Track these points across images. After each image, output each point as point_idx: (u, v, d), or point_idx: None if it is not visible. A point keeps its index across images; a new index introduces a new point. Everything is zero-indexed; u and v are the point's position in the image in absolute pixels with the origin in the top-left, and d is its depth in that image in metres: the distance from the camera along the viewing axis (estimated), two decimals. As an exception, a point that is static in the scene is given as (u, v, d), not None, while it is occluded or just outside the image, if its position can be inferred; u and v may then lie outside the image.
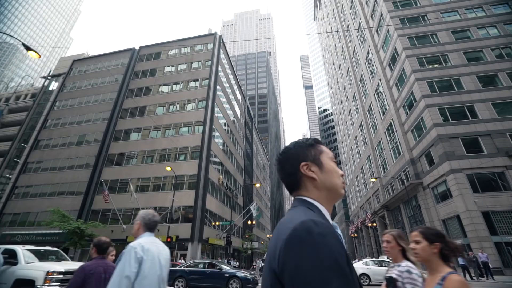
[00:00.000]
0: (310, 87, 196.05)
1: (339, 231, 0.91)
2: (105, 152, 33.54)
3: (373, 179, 31.45)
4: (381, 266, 15.10)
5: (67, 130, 37.45)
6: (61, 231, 23.56)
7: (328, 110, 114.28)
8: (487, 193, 21.18)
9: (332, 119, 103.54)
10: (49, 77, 46.34)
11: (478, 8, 29.77)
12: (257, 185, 30.86)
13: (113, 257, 3.76)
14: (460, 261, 17.57)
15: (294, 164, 0.99)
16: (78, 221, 22.71)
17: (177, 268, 14.04)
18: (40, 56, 12.16)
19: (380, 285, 14.43)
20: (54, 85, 45.70)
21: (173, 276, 13.24)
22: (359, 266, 15.21)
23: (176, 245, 25.51)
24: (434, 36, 29.49)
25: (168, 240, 20.26)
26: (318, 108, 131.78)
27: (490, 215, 20.47)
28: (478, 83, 25.59)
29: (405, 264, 2.09)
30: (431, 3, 31.81)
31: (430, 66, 27.87)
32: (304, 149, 1.02)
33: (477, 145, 23.02)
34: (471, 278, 16.27)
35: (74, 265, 8.96)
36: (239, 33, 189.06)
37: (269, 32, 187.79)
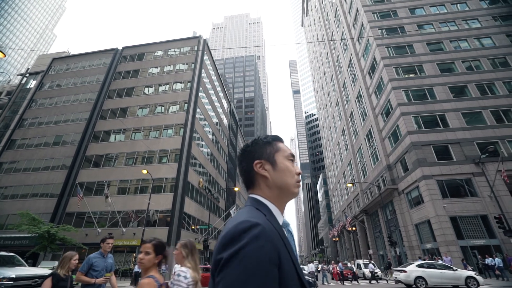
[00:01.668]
0: (298, 91, 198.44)
1: (290, 228, 0.97)
2: (83, 153, 32.67)
3: (349, 184, 32.12)
4: (435, 268, 14.70)
5: (44, 130, 36.24)
6: (30, 235, 22.71)
7: (315, 115, 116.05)
8: (455, 199, 22.11)
9: (318, 124, 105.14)
10: (26, 75, 44.80)
11: (451, 22, 31.26)
12: (236, 188, 30.87)
13: (76, 261, 3.75)
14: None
15: (249, 161, 1.00)
16: (48, 225, 21.93)
17: None
18: (5, 56, 11.85)
19: None
20: (32, 83, 44.25)
21: None
22: (414, 269, 14.67)
23: (152, 249, 25.07)
24: (410, 47, 30.68)
25: (142, 244, 19.87)
26: (305, 113, 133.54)
27: (458, 220, 21.37)
28: (450, 93, 26.79)
29: (179, 268, 2.47)
30: (409, 15, 33.15)
31: (406, 76, 28.94)
32: (260, 147, 1.02)
33: (447, 153, 24.03)
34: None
35: (28, 271, 8.74)
36: (228, 36, 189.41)
37: (259, 36, 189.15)
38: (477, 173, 22.26)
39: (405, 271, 14.84)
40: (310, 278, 13.31)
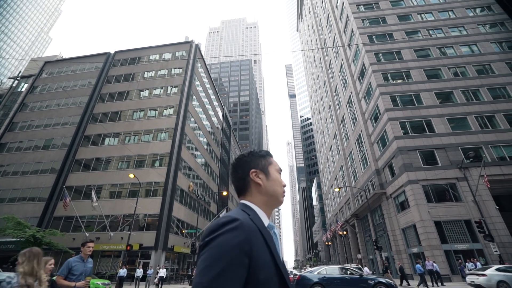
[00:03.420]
0: (294, 96, 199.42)
1: (275, 230, 1.09)
2: (73, 157, 32.54)
3: (337, 189, 32.31)
4: None
5: (34, 133, 36.07)
6: (15, 240, 22.50)
7: (309, 119, 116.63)
8: (440, 203, 22.35)
9: (312, 128, 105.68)
10: (18, 78, 44.65)
11: (438, 29, 31.86)
12: (224, 193, 30.92)
13: (52, 266, 3.73)
14: (418, 269, 18.38)
15: (245, 169, 1.14)
16: (33, 229, 21.76)
17: (315, 274, 13.23)
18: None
19: None
20: (24, 87, 44.07)
21: (308, 283, 12.61)
22: (495, 273, 14.05)
23: (139, 253, 24.98)
24: (398, 53, 31.17)
25: (128, 248, 19.81)
26: (300, 117, 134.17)
27: (442, 225, 21.59)
28: (436, 99, 27.22)
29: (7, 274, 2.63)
30: (397, 22, 33.72)
31: (394, 81, 29.36)
32: (256, 158, 1.18)
33: (433, 158, 24.35)
34: (417, 286, 16.95)
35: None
36: (225, 41, 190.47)
37: (255, 40, 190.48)
38: (462, 178, 22.56)
39: (484, 275, 14.22)
40: (389, 280, 12.96)
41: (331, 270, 13.49)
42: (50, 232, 22.66)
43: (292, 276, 16.73)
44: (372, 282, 12.52)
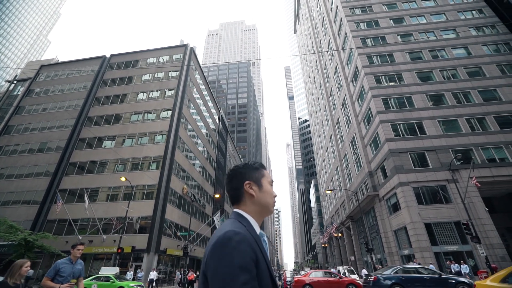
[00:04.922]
0: (293, 97, 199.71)
1: (265, 238, 1.20)
2: (67, 160, 32.64)
3: (328, 191, 32.36)
4: None
5: (29, 136, 36.20)
6: (6, 243, 22.56)
7: (307, 121, 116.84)
8: (430, 205, 22.44)
9: (310, 130, 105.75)
10: (14, 81, 44.84)
11: (430, 32, 32.09)
12: (217, 195, 31.01)
13: (27, 269, 3.75)
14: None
15: (240, 180, 1.23)
16: (25, 232, 21.82)
17: (392, 274, 13.27)
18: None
19: None
20: (21, 90, 44.24)
21: (386, 284, 12.71)
22: None
23: (131, 256, 25.02)
24: (390, 56, 31.37)
25: (119, 251, 19.88)
26: (299, 119, 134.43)
27: (432, 226, 21.68)
28: (427, 101, 27.38)
29: None
30: (390, 25, 33.97)
31: (386, 84, 29.53)
32: (250, 170, 1.26)
33: (424, 160, 24.46)
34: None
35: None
36: (224, 43, 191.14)
37: (254, 43, 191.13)
38: (452, 180, 22.67)
39: None
40: (471, 280, 12.85)
41: (406, 270, 13.51)
42: (42, 235, 22.71)
43: (363, 277, 16.69)
44: (453, 281, 12.40)
